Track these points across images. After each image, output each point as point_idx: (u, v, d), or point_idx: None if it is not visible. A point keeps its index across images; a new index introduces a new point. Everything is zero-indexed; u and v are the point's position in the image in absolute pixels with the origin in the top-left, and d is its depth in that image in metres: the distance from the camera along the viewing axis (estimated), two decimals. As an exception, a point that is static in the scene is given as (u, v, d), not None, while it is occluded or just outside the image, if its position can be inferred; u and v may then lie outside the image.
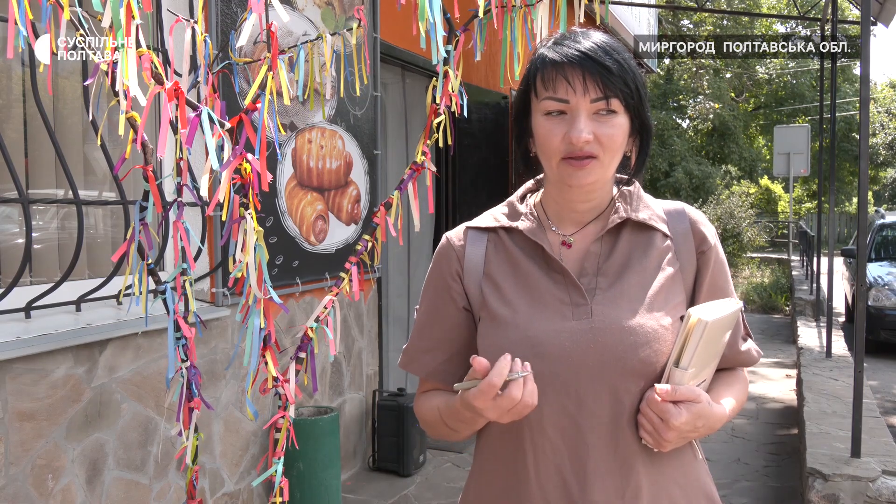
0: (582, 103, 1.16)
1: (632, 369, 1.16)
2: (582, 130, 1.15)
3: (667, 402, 1.12)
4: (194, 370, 1.72)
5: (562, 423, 1.18)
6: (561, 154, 1.18)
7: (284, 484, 1.79)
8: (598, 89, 1.15)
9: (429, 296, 1.34)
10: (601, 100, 1.15)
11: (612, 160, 1.19)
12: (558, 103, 1.17)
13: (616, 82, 1.15)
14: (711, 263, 1.26)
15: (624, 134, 1.19)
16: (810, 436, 3.95)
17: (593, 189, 1.23)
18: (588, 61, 1.15)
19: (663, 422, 1.12)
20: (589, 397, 1.17)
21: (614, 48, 1.19)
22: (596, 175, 1.18)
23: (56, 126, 2.81)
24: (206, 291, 3.42)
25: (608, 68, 1.15)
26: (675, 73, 22.09)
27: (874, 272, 9.21)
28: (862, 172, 3.77)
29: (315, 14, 4.01)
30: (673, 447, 1.17)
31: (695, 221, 1.28)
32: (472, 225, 1.32)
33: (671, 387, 1.13)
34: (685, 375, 1.14)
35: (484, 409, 1.09)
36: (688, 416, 1.12)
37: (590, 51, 1.16)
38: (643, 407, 1.15)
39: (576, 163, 1.17)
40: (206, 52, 1.65)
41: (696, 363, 1.14)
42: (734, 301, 1.22)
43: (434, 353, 1.32)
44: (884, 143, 26.65)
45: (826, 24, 7.37)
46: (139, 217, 1.59)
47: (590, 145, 1.16)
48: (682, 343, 1.13)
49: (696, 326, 1.11)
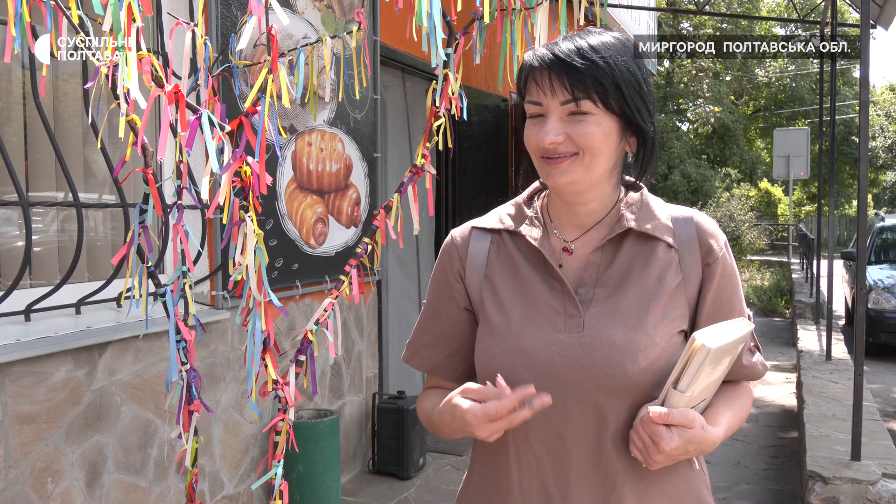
0: (552, 105, 1.16)
1: (619, 387, 1.15)
2: (549, 132, 1.15)
3: (659, 425, 1.10)
4: (194, 373, 1.72)
5: (546, 435, 1.18)
6: (540, 155, 1.19)
7: (284, 487, 1.79)
8: (566, 91, 1.15)
9: (432, 292, 1.35)
10: (570, 101, 1.15)
11: (595, 160, 1.17)
12: (535, 106, 1.18)
13: (586, 83, 1.14)
14: (717, 276, 1.22)
15: (605, 134, 1.16)
16: (810, 439, 3.95)
17: (577, 190, 1.21)
18: (557, 64, 1.15)
19: (654, 444, 1.11)
20: (575, 411, 1.16)
21: (597, 48, 1.16)
22: (574, 174, 1.17)
23: (56, 129, 2.81)
24: (206, 294, 3.42)
25: (577, 69, 1.14)
26: (675, 76, 22.11)
27: (874, 275, 9.20)
28: (861, 175, 3.77)
29: (315, 17, 4.01)
30: (662, 466, 1.15)
31: (702, 231, 1.24)
32: (477, 224, 1.32)
33: (665, 410, 1.10)
34: (682, 399, 1.11)
35: (475, 427, 1.10)
36: (679, 442, 1.10)
37: (562, 53, 1.16)
38: (636, 424, 1.13)
39: (550, 162, 1.17)
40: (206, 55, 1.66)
41: (696, 387, 1.11)
42: (745, 323, 1.18)
43: (435, 349, 1.33)
44: (883, 147, 26.65)
45: (825, 27, 7.38)
46: (139, 220, 1.59)
47: (563, 145, 1.16)
48: (683, 366, 1.10)
49: (698, 351, 1.08)
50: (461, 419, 1.12)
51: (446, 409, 1.17)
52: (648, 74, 1.25)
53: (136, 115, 1.42)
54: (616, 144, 1.19)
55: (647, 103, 1.19)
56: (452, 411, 1.14)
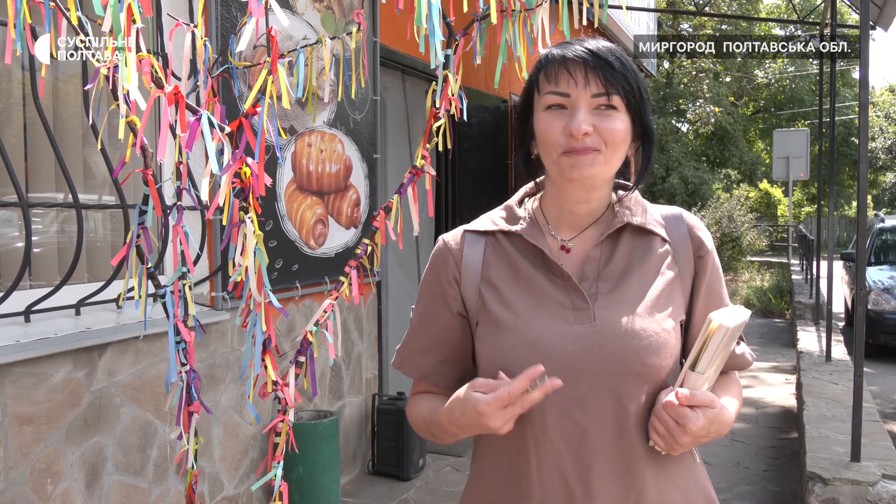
0: (583, 96, 1.17)
1: (636, 373, 1.16)
2: (582, 121, 1.16)
3: (684, 407, 1.12)
4: (194, 374, 1.72)
5: (565, 428, 1.18)
6: (561, 148, 1.18)
7: (284, 488, 1.79)
8: (600, 84, 1.17)
9: (424, 298, 1.33)
10: (602, 95, 1.17)
11: (614, 156, 1.20)
12: (559, 97, 1.18)
13: (618, 79, 1.17)
14: (709, 268, 1.27)
15: (626, 131, 1.20)
16: (810, 440, 3.95)
17: (593, 185, 1.22)
18: (591, 56, 1.18)
19: (679, 426, 1.12)
20: (592, 401, 1.17)
21: (617, 52, 1.21)
22: (597, 168, 1.18)
23: (56, 130, 2.81)
24: (206, 295, 3.42)
25: (611, 64, 1.18)
26: (675, 77, 22.12)
27: (874, 276, 9.21)
28: (861, 176, 3.77)
29: (315, 18, 4.02)
30: (684, 451, 1.16)
31: (692, 227, 1.29)
32: (469, 228, 1.32)
33: (689, 392, 1.12)
34: (700, 380, 1.14)
35: (489, 416, 1.09)
36: (704, 421, 1.12)
37: (594, 48, 1.19)
38: (658, 409, 1.15)
39: (576, 154, 1.17)
40: (205, 57, 1.66)
41: (711, 369, 1.14)
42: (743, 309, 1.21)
43: (427, 356, 1.32)
44: (883, 148, 26.66)
45: (825, 28, 7.38)
46: (139, 221, 1.59)
47: (590, 138, 1.17)
48: (701, 347, 1.13)
49: (717, 331, 1.11)
50: (473, 411, 1.11)
51: (455, 404, 1.16)
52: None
53: (135, 117, 1.42)
54: (629, 144, 1.23)
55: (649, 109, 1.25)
56: (462, 406, 1.14)
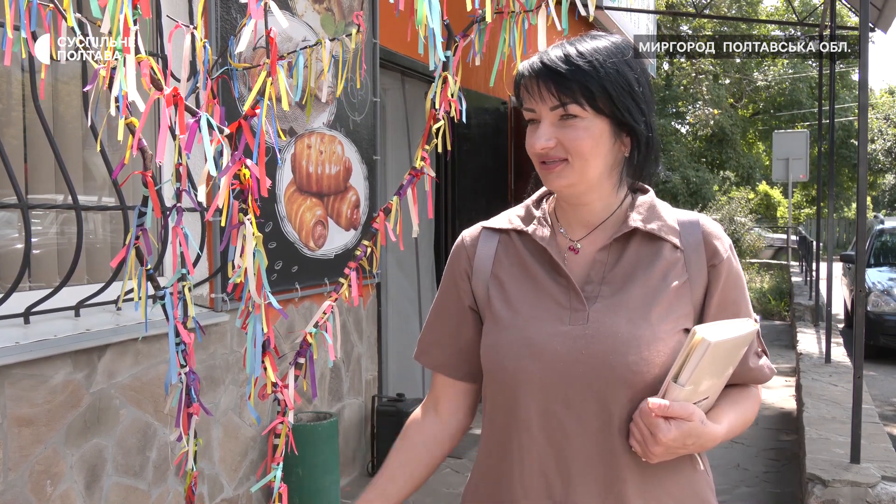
0: (544, 111, 1.20)
1: (620, 377, 1.16)
2: (540, 137, 1.20)
3: (658, 417, 1.12)
4: (193, 375, 1.72)
5: (549, 425, 1.20)
6: (537, 160, 1.23)
7: (283, 489, 1.78)
8: (553, 97, 1.18)
9: (441, 291, 1.40)
10: (558, 107, 1.18)
11: (585, 164, 1.20)
12: (530, 112, 1.23)
13: (572, 87, 1.17)
14: (722, 278, 1.24)
15: (594, 137, 1.18)
16: (810, 441, 3.95)
17: (575, 192, 1.24)
18: (544, 71, 1.19)
19: (652, 435, 1.12)
20: (578, 402, 1.18)
21: (585, 53, 1.18)
22: (568, 179, 1.21)
23: (55, 131, 2.81)
24: (205, 297, 3.42)
25: (562, 75, 1.17)
26: (675, 78, 22.13)
27: (873, 277, 9.21)
28: (861, 178, 3.78)
29: (314, 20, 4.02)
30: (660, 460, 1.16)
31: (708, 234, 1.26)
32: (487, 225, 1.36)
33: (665, 402, 1.12)
34: (681, 392, 1.13)
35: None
36: (676, 434, 1.12)
37: (549, 60, 1.19)
38: (635, 416, 1.15)
39: (546, 166, 1.22)
40: (205, 58, 1.66)
41: (696, 381, 1.13)
42: (750, 322, 1.19)
43: (442, 347, 1.38)
44: (882, 150, 26.67)
45: (824, 30, 7.39)
46: (138, 222, 1.59)
47: (555, 150, 1.20)
48: (683, 359, 1.12)
49: (698, 345, 1.10)
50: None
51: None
52: (645, 75, 1.26)
53: (134, 118, 1.42)
54: (610, 146, 1.21)
55: (638, 103, 1.21)
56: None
